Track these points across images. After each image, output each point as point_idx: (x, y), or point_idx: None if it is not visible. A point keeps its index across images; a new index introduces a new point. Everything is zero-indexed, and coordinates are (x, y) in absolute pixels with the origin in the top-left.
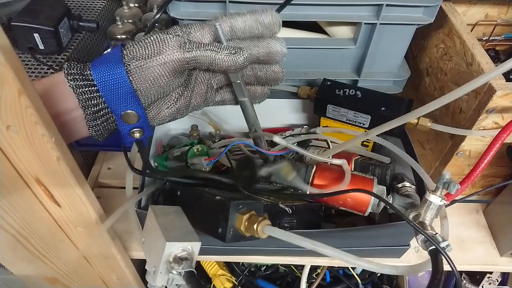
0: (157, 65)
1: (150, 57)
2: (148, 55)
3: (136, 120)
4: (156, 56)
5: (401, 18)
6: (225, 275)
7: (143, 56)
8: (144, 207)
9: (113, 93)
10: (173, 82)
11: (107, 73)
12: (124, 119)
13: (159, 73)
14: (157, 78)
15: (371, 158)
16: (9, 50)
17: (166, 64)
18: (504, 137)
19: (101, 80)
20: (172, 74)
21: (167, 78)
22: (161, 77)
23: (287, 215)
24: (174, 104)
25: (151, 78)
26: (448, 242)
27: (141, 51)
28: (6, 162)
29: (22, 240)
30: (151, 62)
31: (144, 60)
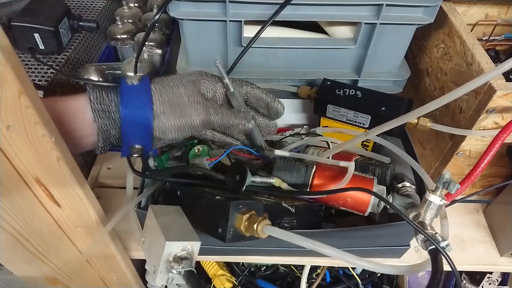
0: (182, 126)
1: (178, 118)
2: (176, 115)
3: (142, 151)
4: (183, 117)
5: (401, 18)
6: (225, 275)
7: (171, 114)
8: (144, 207)
9: (133, 133)
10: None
11: (135, 118)
12: (131, 149)
13: (181, 133)
14: (177, 137)
15: (371, 158)
16: (9, 50)
17: (190, 126)
18: (504, 137)
19: (128, 123)
20: (192, 131)
21: (186, 135)
22: (181, 135)
23: (287, 215)
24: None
25: (172, 136)
26: (448, 242)
27: (169, 109)
28: (6, 162)
29: (22, 240)
30: (178, 122)
31: (172, 118)
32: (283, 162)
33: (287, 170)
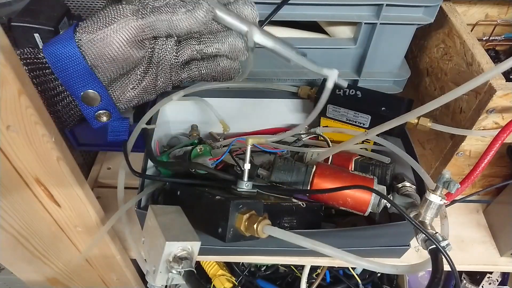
0: (111, 36)
1: (102, 28)
2: (100, 27)
3: (99, 100)
4: (109, 26)
5: (401, 18)
6: (225, 275)
7: (96, 29)
8: (144, 207)
9: (67, 72)
10: (132, 55)
11: (58, 52)
12: (85, 100)
13: (115, 45)
14: (113, 51)
15: (371, 158)
16: (9, 50)
17: (120, 33)
18: (504, 137)
19: (53, 60)
20: (129, 45)
21: (124, 50)
22: (118, 50)
23: (287, 215)
24: (140, 83)
25: (107, 51)
26: (448, 241)
27: (93, 24)
28: (6, 162)
29: (22, 240)
30: (104, 33)
31: (97, 33)
32: (283, 162)
33: (287, 170)
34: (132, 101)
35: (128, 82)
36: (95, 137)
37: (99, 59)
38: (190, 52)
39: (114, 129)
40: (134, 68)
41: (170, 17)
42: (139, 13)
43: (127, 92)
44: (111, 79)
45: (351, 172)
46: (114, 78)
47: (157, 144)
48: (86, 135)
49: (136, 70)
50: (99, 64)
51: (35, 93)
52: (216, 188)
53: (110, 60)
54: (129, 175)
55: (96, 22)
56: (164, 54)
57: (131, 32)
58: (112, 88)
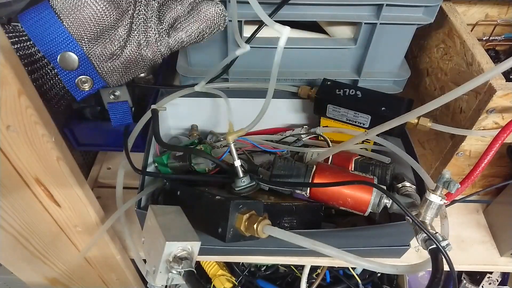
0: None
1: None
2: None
3: (77, 63)
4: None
5: (401, 18)
6: (225, 275)
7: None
8: (144, 207)
9: (42, 36)
10: (108, 15)
11: (33, 17)
12: (62, 64)
13: (89, 5)
14: (88, 11)
15: (371, 158)
16: (9, 50)
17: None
18: (504, 137)
19: (29, 26)
20: (104, 5)
21: (99, 10)
22: (92, 9)
23: (287, 215)
24: (121, 50)
25: (81, 12)
26: (448, 241)
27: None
28: (6, 162)
29: (22, 240)
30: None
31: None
32: (283, 162)
33: (287, 170)
34: (118, 72)
35: (109, 47)
36: (95, 137)
37: (74, 20)
38: (174, 13)
39: (114, 111)
40: (114, 32)
41: None
42: None
43: (109, 60)
44: (89, 41)
45: (351, 172)
46: (92, 40)
47: (157, 145)
48: (86, 135)
49: (116, 34)
50: (75, 24)
51: (35, 93)
52: (216, 188)
53: (86, 20)
54: (129, 175)
55: None
56: (145, 17)
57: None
58: (91, 52)
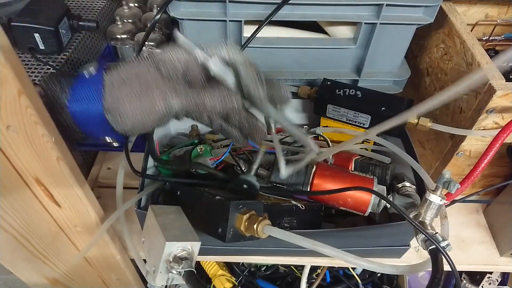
0: (140, 115)
1: (133, 101)
2: (131, 97)
3: (114, 140)
4: (140, 101)
5: (401, 18)
6: (225, 275)
7: (125, 97)
8: (144, 207)
9: (90, 126)
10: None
11: (84, 114)
12: (102, 140)
13: (141, 121)
14: (138, 125)
15: (371, 158)
16: (9, 50)
17: (150, 116)
18: (504, 137)
19: (77, 117)
20: (156, 122)
21: (153, 125)
22: (143, 125)
23: (287, 215)
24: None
25: (135, 129)
26: (448, 242)
27: (122, 89)
28: (6, 162)
29: (22, 240)
30: (134, 109)
31: (125, 105)
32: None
33: None
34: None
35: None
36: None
37: (122, 126)
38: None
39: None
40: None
41: (203, 101)
42: (175, 90)
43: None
44: (130, 134)
45: (351, 172)
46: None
47: (157, 144)
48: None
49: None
50: (121, 129)
51: (35, 93)
52: (216, 188)
53: (134, 129)
54: (129, 175)
55: (126, 84)
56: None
57: (161, 113)
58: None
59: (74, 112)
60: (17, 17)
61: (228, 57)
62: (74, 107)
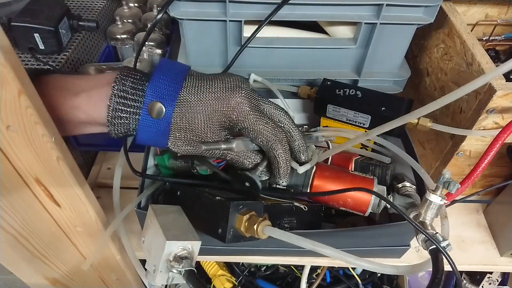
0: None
1: (191, 145)
2: (191, 143)
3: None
4: (196, 145)
5: (401, 18)
6: (225, 275)
7: (185, 141)
8: (144, 207)
9: (146, 142)
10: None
11: (148, 141)
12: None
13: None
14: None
15: (371, 158)
16: (9, 50)
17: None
18: (504, 137)
19: (142, 141)
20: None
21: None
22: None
23: (287, 215)
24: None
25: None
26: (448, 242)
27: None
28: (6, 162)
29: (22, 240)
30: (191, 149)
31: (185, 145)
32: None
33: None
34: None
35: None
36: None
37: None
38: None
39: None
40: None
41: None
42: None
43: None
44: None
45: (351, 173)
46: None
47: None
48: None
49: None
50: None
51: (35, 93)
52: (216, 189)
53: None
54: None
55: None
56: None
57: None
58: None
59: (140, 140)
60: (17, 17)
61: None
62: (140, 137)
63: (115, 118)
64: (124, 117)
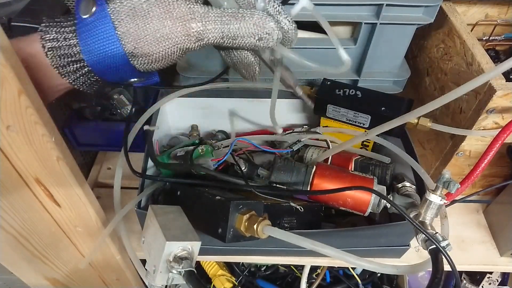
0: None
1: (152, 43)
2: (146, 34)
3: (138, 81)
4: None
5: (401, 18)
6: (225, 275)
7: (141, 35)
8: (144, 207)
9: (110, 71)
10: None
11: (100, 54)
12: (125, 82)
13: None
14: (165, 64)
15: (371, 158)
16: (9, 50)
17: (174, 45)
18: (504, 137)
19: (93, 61)
20: (182, 50)
21: (178, 55)
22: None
23: (287, 215)
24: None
25: (157, 65)
26: (448, 241)
27: (138, 30)
28: (6, 162)
29: (22, 240)
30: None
31: (142, 41)
32: (283, 162)
33: (287, 170)
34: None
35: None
36: (95, 137)
37: (140, 61)
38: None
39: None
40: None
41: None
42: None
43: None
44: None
45: (351, 172)
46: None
47: (156, 144)
48: (86, 135)
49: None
50: (141, 66)
51: (35, 93)
52: (216, 189)
53: (152, 64)
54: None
55: (140, 24)
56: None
57: (181, 46)
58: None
59: (93, 63)
60: (17, 17)
61: None
62: (92, 58)
63: (52, 41)
64: (59, 32)
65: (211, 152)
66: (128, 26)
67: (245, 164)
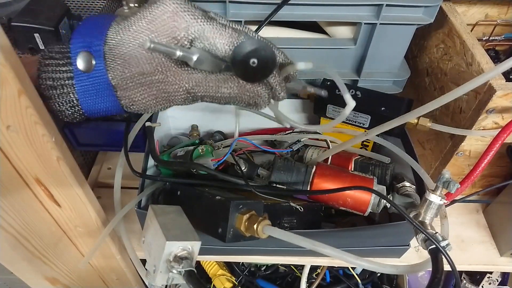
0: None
1: (144, 91)
2: (144, 98)
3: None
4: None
5: (401, 18)
6: (225, 275)
7: (139, 99)
8: (144, 207)
9: (97, 115)
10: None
11: (97, 109)
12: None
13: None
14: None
15: (371, 158)
16: (9, 50)
17: (165, 106)
18: (504, 137)
19: (88, 110)
20: (173, 104)
21: (168, 106)
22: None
23: (287, 215)
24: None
25: (145, 110)
26: (448, 241)
27: (136, 95)
28: (6, 162)
29: (22, 240)
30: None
31: (139, 102)
32: (283, 162)
33: (287, 170)
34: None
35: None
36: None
37: (125, 96)
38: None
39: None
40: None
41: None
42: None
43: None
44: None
45: (351, 172)
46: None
47: (157, 144)
48: (86, 135)
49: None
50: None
51: (35, 93)
52: (216, 188)
53: (138, 105)
54: (129, 175)
55: (133, 75)
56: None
57: (182, 96)
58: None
59: (88, 111)
60: (17, 17)
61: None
62: (88, 108)
63: (49, 88)
64: (56, 80)
65: (211, 152)
66: (126, 88)
67: (245, 164)
